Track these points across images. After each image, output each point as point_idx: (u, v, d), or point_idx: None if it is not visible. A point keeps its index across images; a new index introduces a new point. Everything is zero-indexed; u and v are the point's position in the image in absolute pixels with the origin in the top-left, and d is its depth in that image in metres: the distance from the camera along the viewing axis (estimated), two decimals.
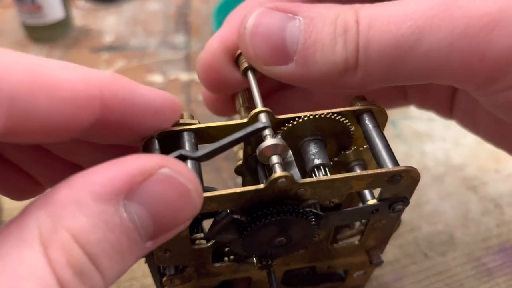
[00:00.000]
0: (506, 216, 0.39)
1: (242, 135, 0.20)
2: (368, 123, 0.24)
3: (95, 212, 0.16)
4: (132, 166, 0.17)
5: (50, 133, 0.18)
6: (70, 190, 0.16)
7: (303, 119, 0.24)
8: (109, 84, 0.19)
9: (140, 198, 0.17)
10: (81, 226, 0.15)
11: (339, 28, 0.22)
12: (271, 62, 0.23)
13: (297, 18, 0.23)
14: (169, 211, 0.17)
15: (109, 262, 0.16)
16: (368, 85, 0.23)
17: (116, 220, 0.16)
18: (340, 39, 0.22)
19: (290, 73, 0.23)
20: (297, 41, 0.23)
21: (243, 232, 0.22)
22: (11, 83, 0.16)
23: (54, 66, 0.18)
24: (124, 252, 0.17)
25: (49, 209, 0.16)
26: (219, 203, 0.21)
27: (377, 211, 0.24)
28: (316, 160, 0.24)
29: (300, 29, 0.23)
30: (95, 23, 0.63)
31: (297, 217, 0.22)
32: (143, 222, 0.17)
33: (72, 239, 0.15)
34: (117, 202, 0.16)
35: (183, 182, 0.18)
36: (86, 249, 0.15)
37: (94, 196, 0.16)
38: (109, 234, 0.16)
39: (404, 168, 0.22)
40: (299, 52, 0.23)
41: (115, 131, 0.21)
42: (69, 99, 0.17)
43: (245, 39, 0.24)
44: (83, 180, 0.16)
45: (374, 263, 0.28)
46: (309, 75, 0.23)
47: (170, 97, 0.22)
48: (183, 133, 0.23)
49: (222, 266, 0.26)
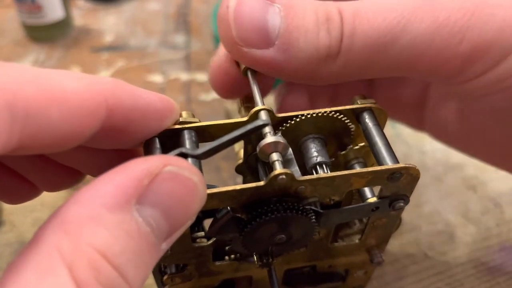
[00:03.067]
0: (506, 215, 0.39)
1: (242, 133, 0.20)
2: (368, 121, 0.24)
3: (114, 223, 0.16)
4: (137, 170, 0.17)
5: (58, 144, 0.18)
6: (81, 206, 0.16)
7: (303, 118, 0.24)
8: (113, 90, 0.19)
9: (151, 200, 0.17)
10: (103, 240, 0.15)
11: (322, 17, 0.23)
12: (253, 44, 0.23)
13: (275, 5, 0.23)
14: (180, 207, 0.17)
15: (135, 271, 0.16)
16: (345, 76, 0.24)
17: (134, 227, 0.16)
18: (323, 27, 0.22)
19: (270, 58, 0.23)
20: (278, 25, 0.22)
21: (243, 229, 0.22)
22: (26, 102, 0.16)
23: (62, 77, 0.18)
24: (146, 258, 0.16)
25: (65, 230, 0.15)
26: (220, 200, 0.21)
27: (377, 209, 0.24)
28: (316, 158, 0.24)
29: (280, 15, 0.23)
30: (95, 23, 0.63)
31: (297, 214, 0.22)
32: (158, 223, 0.17)
33: (99, 255, 0.15)
34: (131, 209, 0.16)
35: (189, 176, 0.18)
36: (113, 263, 0.15)
37: (108, 207, 0.16)
38: (130, 243, 0.16)
39: (404, 165, 0.22)
40: (281, 36, 0.22)
41: (118, 136, 0.21)
42: (77, 109, 0.17)
43: (228, 18, 0.23)
44: (91, 194, 0.16)
45: (374, 262, 0.28)
46: (289, 62, 0.23)
47: (168, 98, 0.22)
48: (183, 131, 0.23)
49: (223, 265, 0.26)
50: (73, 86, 0.18)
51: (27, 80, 0.16)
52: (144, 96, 0.21)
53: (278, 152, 0.21)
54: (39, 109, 0.16)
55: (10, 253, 0.34)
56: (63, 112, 0.17)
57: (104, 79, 0.20)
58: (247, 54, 0.23)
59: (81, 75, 0.19)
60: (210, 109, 0.49)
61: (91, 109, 0.18)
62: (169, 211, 0.17)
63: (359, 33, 0.22)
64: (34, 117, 0.16)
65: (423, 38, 0.22)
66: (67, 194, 0.37)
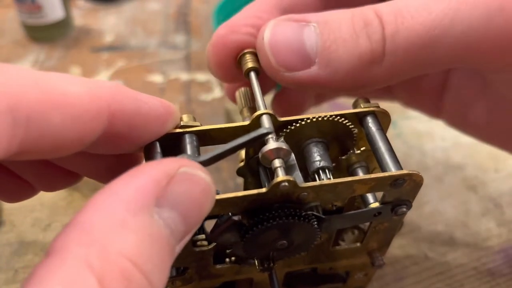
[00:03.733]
0: (506, 216, 0.39)
1: (245, 141, 0.20)
2: (371, 125, 0.24)
3: (138, 227, 0.15)
4: (155, 171, 0.16)
5: (59, 149, 0.18)
6: (104, 213, 0.15)
7: (306, 122, 0.24)
8: (115, 95, 0.19)
9: (169, 201, 0.16)
10: (132, 247, 0.15)
11: (358, 24, 0.22)
12: (293, 67, 0.23)
13: (311, 25, 0.23)
14: (196, 207, 0.17)
15: (159, 276, 0.15)
16: (393, 77, 0.23)
17: (156, 230, 0.16)
18: (362, 33, 0.22)
19: (314, 75, 0.23)
20: (316, 44, 0.23)
21: (245, 235, 0.22)
22: (28, 106, 0.16)
23: (64, 81, 0.17)
24: (167, 261, 0.16)
25: (88, 239, 0.14)
26: (221, 207, 0.21)
27: (380, 214, 0.24)
28: (318, 163, 0.24)
29: (316, 33, 0.23)
30: (95, 23, 0.63)
31: (299, 220, 0.22)
32: (176, 225, 0.17)
33: (130, 263, 0.14)
34: (152, 211, 0.16)
35: (203, 177, 0.18)
36: (142, 270, 0.15)
37: (131, 211, 0.15)
38: (155, 247, 0.15)
39: (407, 172, 0.22)
40: (320, 53, 0.23)
41: (119, 141, 0.21)
42: (79, 115, 0.17)
43: (264, 49, 0.24)
44: (112, 199, 0.15)
45: (375, 265, 0.28)
46: (333, 74, 0.23)
47: (168, 103, 0.22)
48: (184, 135, 0.23)
49: (223, 268, 0.26)
50: (75, 91, 0.18)
51: (30, 84, 0.16)
52: (146, 101, 0.21)
53: (281, 158, 0.21)
54: (41, 114, 0.16)
55: (10, 253, 0.34)
56: (65, 117, 0.17)
57: (106, 83, 0.19)
58: (290, 78, 0.24)
59: (83, 79, 0.19)
60: (210, 109, 0.49)
61: (93, 115, 0.18)
62: (186, 212, 0.17)
63: (403, 32, 0.21)
64: (36, 122, 0.16)
65: (477, 28, 0.20)
66: (67, 194, 0.37)
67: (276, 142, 0.21)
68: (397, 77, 0.23)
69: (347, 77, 0.23)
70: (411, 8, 0.21)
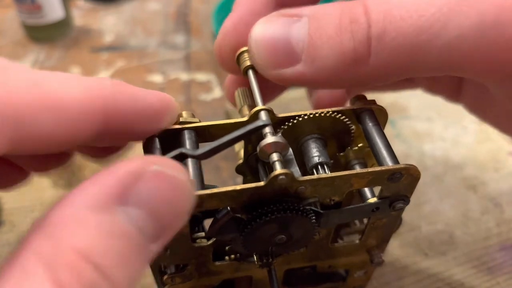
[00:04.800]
0: (506, 215, 0.39)
1: (242, 133, 0.20)
2: (368, 121, 0.24)
3: (95, 223, 0.15)
4: (120, 171, 0.16)
5: (53, 146, 0.18)
6: (64, 209, 0.16)
7: (304, 118, 0.24)
8: (112, 94, 0.19)
9: (135, 199, 0.16)
10: (85, 242, 0.15)
11: (345, 20, 0.22)
12: (278, 65, 0.23)
13: (302, 20, 0.23)
14: (167, 205, 0.17)
15: (119, 272, 0.15)
16: (382, 77, 0.22)
17: (117, 228, 0.16)
18: (346, 30, 0.21)
19: (299, 73, 0.23)
20: (303, 40, 0.22)
21: (243, 230, 0.22)
22: (16, 108, 0.16)
23: (57, 80, 0.17)
24: (131, 258, 0.16)
25: (46, 233, 0.15)
26: (220, 200, 0.21)
27: (378, 209, 0.24)
28: (317, 158, 0.24)
29: (305, 28, 0.22)
30: (95, 23, 0.63)
31: (298, 215, 0.22)
32: (144, 223, 0.16)
33: (80, 257, 0.15)
34: (114, 209, 0.16)
35: (174, 174, 0.17)
36: (95, 264, 0.15)
37: (90, 208, 0.15)
38: (114, 243, 0.15)
39: (404, 165, 0.22)
40: (306, 50, 0.22)
41: (116, 137, 0.21)
42: (73, 115, 0.17)
43: (252, 48, 0.24)
44: (74, 196, 0.16)
45: (375, 262, 0.28)
46: (318, 72, 0.22)
47: (167, 97, 0.22)
48: (183, 131, 0.23)
49: (223, 265, 0.26)
50: (70, 91, 0.17)
51: (22, 85, 0.16)
52: (144, 98, 0.21)
53: (278, 152, 0.21)
54: (31, 115, 0.16)
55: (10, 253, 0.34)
56: (58, 118, 0.17)
57: (104, 81, 0.19)
58: (276, 76, 0.23)
59: (80, 78, 0.19)
60: (210, 109, 0.49)
61: (88, 115, 0.18)
62: (156, 211, 0.17)
63: (390, 33, 0.20)
64: (26, 123, 0.16)
65: (467, 37, 0.20)
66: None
67: (274, 136, 0.21)
68: (386, 77, 0.22)
69: (332, 75, 0.22)
70: (402, 8, 0.21)
